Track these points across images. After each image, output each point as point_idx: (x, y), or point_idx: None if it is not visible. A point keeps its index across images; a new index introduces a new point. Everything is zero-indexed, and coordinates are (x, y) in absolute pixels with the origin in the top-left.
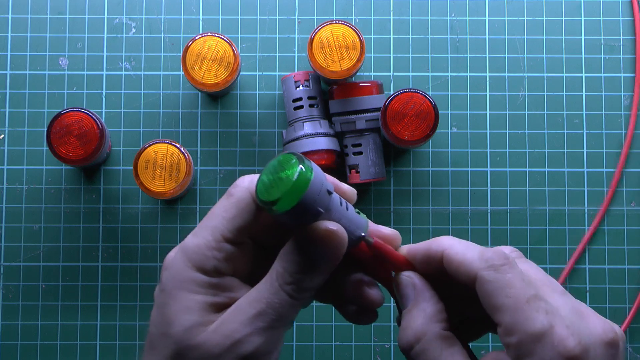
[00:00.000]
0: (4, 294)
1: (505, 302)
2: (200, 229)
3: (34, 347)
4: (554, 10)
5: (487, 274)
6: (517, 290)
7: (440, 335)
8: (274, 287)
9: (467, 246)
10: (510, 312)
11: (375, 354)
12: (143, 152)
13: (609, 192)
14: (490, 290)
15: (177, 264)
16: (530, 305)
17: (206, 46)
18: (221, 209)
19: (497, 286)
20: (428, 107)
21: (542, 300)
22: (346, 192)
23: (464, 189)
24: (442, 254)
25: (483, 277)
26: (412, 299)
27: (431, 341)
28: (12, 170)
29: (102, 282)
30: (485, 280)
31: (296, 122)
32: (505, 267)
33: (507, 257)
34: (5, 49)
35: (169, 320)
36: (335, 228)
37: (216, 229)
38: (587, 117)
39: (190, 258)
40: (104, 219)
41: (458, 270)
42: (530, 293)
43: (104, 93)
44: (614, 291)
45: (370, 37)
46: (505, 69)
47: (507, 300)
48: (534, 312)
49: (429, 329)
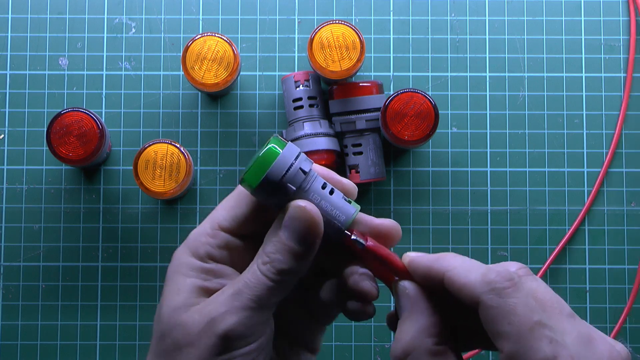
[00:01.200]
0: (4, 294)
1: (508, 330)
2: (204, 220)
3: (34, 347)
4: (554, 10)
5: (489, 298)
6: (520, 318)
7: (430, 351)
8: (252, 267)
9: (470, 268)
10: (513, 340)
11: (375, 354)
12: (143, 152)
13: (591, 192)
14: (493, 316)
15: (178, 252)
16: (533, 333)
17: (206, 46)
18: (223, 201)
19: (499, 312)
20: (428, 107)
21: (546, 327)
22: (345, 185)
23: (464, 189)
24: (443, 275)
25: (485, 303)
26: (407, 310)
27: (420, 357)
28: (12, 170)
29: (102, 282)
30: (488, 306)
31: (296, 122)
32: (509, 290)
33: (511, 278)
34: (5, 49)
35: (162, 302)
36: (303, 204)
37: (214, 218)
38: (587, 117)
39: (188, 245)
40: (104, 219)
41: (460, 293)
42: (534, 320)
43: (104, 93)
44: (614, 291)
45: (370, 37)
46: (505, 69)
47: (510, 327)
48: (537, 341)
49: (419, 344)
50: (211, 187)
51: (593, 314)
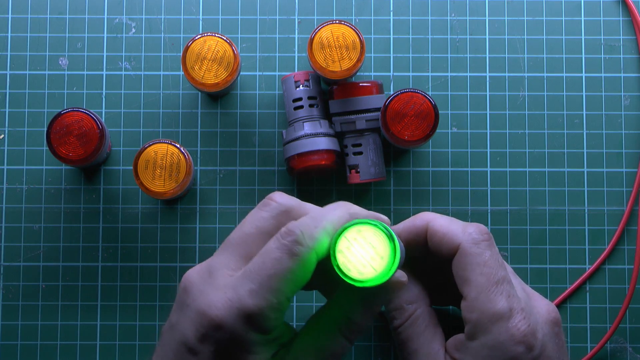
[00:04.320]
0: (4, 294)
1: (477, 279)
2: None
3: (34, 347)
4: (554, 10)
5: (469, 246)
6: (490, 270)
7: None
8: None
9: (450, 219)
10: (478, 289)
11: (375, 354)
12: (143, 152)
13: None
14: (467, 263)
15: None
16: (497, 287)
17: (206, 46)
18: (283, 266)
19: (474, 260)
20: (428, 107)
21: (509, 283)
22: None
23: (464, 189)
24: (426, 226)
25: (464, 250)
26: None
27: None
28: (12, 170)
29: (102, 282)
30: (467, 253)
31: (296, 122)
32: (485, 243)
33: (487, 233)
34: (5, 49)
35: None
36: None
37: (279, 289)
38: (587, 117)
39: (251, 321)
40: (104, 219)
41: (442, 240)
42: (500, 275)
43: (104, 93)
44: (614, 291)
45: (370, 37)
46: (505, 69)
47: (480, 277)
48: (498, 294)
49: (417, 307)
50: (211, 187)
51: (592, 314)
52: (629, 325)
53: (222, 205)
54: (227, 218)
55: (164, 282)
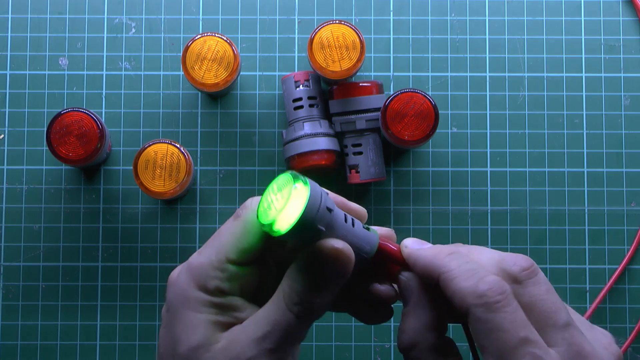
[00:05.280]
0: (4, 294)
1: (492, 345)
2: (205, 247)
3: (34, 347)
4: (554, 10)
5: (478, 311)
6: (506, 335)
7: (433, 345)
8: (281, 307)
9: (465, 273)
10: (495, 355)
11: (375, 354)
12: (143, 152)
13: None
14: (479, 330)
15: (182, 283)
16: (517, 351)
17: (206, 46)
18: (228, 229)
19: (486, 327)
20: (428, 107)
21: (531, 343)
22: (355, 210)
23: (464, 189)
24: (439, 276)
25: (474, 315)
26: (410, 303)
27: (424, 350)
28: (12, 170)
29: (102, 282)
30: (476, 319)
31: (296, 122)
32: (498, 305)
33: (503, 292)
34: (5, 49)
35: (176, 339)
36: (341, 246)
37: (221, 249)
38: (587, 117)
39: (194, 277)
40: (104, 219)
41: (452, 299)
42: (519, 336)
43: (104, 93)
44: (614, 290)
45: (370, 37)
46: (505, 69)
47: (495, 343)
48: (520, 358)
49: (423, 338)
50: (211, 187)
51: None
52: (628, 326)
53: (222, 205)
54: (227, 218)
55: (164, 282)
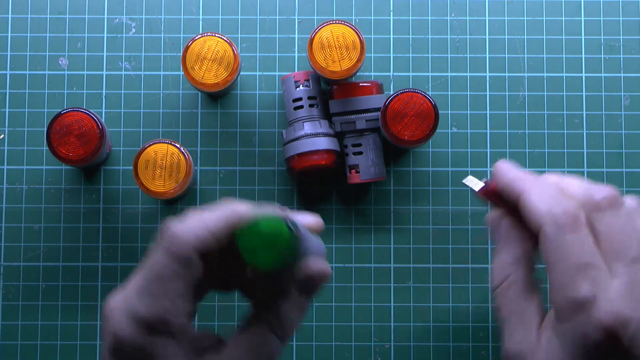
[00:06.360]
0: (4, 294)
1: (557, 264)
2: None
3: (34, 347)
4: (554, 10)
5: (548, 230)
6: (571, 257)
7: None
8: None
9: (543, 194)
10: (559, 273)
11: (375, 354)
12: (143, 152)
13: None
14: (548, 247)
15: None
16: (579, 272)
17: (206, 46)
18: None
19: (554, 247)
20: (428, 107)
21: (594, 268)
22: (313, 225)
23: (464, 189)
24: (519, 196)
25: (544, 233)
26: (500, 241)
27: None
28: (12, 170)
29: (102, 282)
30: (546, 237)
31: (296, 122)
32: (568, 228)
33: (575, 217)
34: (5, 49)
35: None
36: (325, 268)
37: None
38: (587, 117)
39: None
40: (104, 219)
41: (527, 218)
42: (583, 260)
43: (104, 93)
44: None
45: (370, 37)
46: (505, 69)
47: (560, 264)
48: (580, 280)
49: (514, 270)
50: (211, 187)
51: None
52: None
53: None
54: None
55: None
